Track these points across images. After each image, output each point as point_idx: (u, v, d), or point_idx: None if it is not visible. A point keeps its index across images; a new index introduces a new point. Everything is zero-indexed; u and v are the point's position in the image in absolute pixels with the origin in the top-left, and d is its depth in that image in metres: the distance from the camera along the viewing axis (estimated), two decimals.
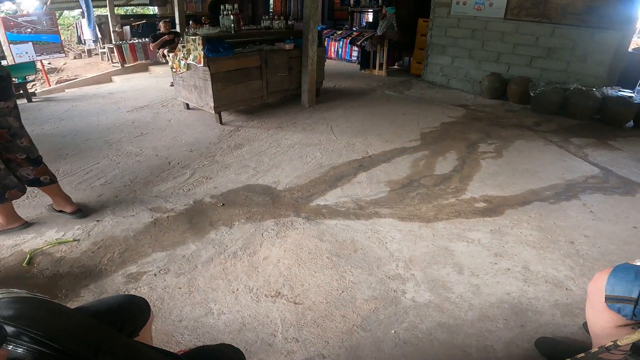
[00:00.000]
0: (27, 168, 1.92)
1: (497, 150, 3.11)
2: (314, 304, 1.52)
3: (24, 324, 0.50)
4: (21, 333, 0.50)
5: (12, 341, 0.49)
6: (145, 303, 0.84)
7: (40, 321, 0.53)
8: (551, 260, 1.80)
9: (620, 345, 1.03)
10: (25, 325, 0.50)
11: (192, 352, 0.74)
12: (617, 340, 1.04)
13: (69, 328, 0.56)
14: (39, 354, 0.49)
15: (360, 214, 2.14)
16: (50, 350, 0.50)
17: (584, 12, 4.15)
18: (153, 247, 1.85)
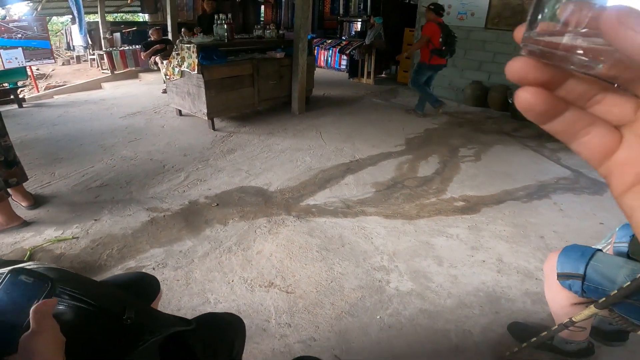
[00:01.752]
0: (0, 170, 2.00)
1: (476, 154, 3.30)
2: (305, 292, 1.64)
3: (62, 285, 0.60)
4: (61, 292, 0.60)
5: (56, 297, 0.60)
6: (156, 280, 0.95)
7: (75, 283, 0.63)
8: (523, 253, 1.96)
9: (576, 322, 1.17)
10: (63, 286, 0.60)
11: (201, 316, 0.85)
12: (572, 317, 1.18)
13: (98, 290, 0.67)
14: (77, 308, 0.60)
15: (348, 212, 2.28)
16: (86, 306, 0.61)
17: None
18: (151, 244, 1.94)
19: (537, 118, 0.21)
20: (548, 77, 0.21)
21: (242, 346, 0.88)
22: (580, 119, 0.21)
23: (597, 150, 0.21)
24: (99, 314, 0.61)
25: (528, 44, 0.21)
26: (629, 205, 0.20)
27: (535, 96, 0.21)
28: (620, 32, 0.17)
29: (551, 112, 0.21)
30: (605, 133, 0.21)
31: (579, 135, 0.21)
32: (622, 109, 0.21)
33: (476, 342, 1.46)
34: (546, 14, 0.20)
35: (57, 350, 0.49)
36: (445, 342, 1.46)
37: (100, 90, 6.28)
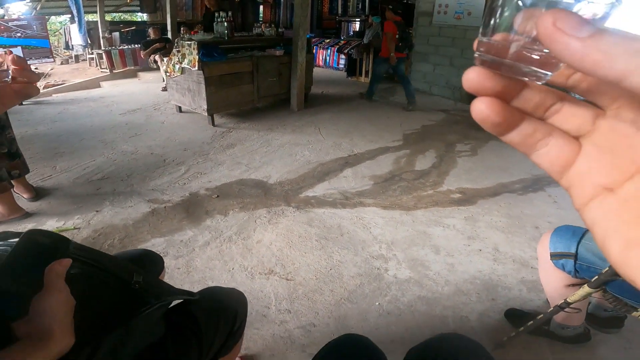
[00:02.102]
0: (3, 162, 2.02)
1: (472, 149, 3.34)
2: (304, 280, 1.67)
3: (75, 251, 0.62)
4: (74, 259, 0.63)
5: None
6: (160, 257, 0.98)
7: (86, 251, 0.66)
8: (518, 243, 1.99)
9: (571, 303, 1.19)
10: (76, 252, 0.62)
11: (205, 289, 0.88)
12: (567, 299, 1.21)
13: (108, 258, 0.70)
14: (88, 272, 0.62)
15: (346, 203, 2.31)
16: (97, 270, 0.64)
17: None
18: (152, 234, 1.97)
19: (493, 129, 0.21)
20: (503, 87, 0.20)
21: (244, 319, 0.91)
22: (537, 130, 0.21)
23: (555, 162, 0.21)
24: (108, 278, 0.64)
25: (481, 53, 0.21)
26: (590, 217, 0.19)
27: (490, 107, 0.20)
28: (555, 38, 0.16)
29: (507, 123, 0.21)
30: (563, 144, 0.20)
31: (537, 146, 0.21)
32: (581, 119, 0.20)
33: (473, 327, 1.49)
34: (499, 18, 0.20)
35: (68, 311, 0.51)
36: (443, 327, 1.49)
37: (99, 89, 6.30)
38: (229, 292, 0.90)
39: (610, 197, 0.18)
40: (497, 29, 0.20)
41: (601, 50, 0.15)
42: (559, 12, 0.16)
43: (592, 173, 0.19)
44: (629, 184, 0.18)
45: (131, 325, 0.60)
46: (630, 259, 0.16)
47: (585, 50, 0.15)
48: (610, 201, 0.18)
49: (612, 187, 0.18)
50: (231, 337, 0.83)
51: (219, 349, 0.80)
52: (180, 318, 0.76)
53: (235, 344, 0.88)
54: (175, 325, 0.74)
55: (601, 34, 0.15)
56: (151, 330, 0.68)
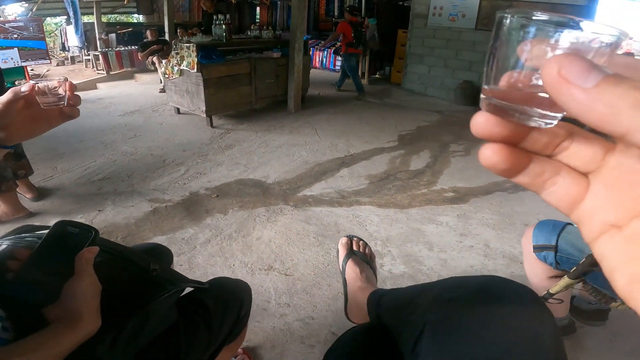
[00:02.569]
0: (9, 162, 2.08)
1: (466, 149, 3.43)
2: (303, 275, 1.73)
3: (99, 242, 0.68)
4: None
5: None
6: (169, 250, 1.04)
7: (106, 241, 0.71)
8: (508, 239, 2.07)
9: (554, 293, 1.27)
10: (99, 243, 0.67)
11: (213, 279, 0.94)
12: (550, 289, 1.29)
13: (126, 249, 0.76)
14: (109, 260, 0.67)
15: (343, 202, 2.38)
16: (119, 259, 0.69)
17: None
18: (154, 232, 2.02)
19: (502, 174, 0.21)
20: (511, 132, 0.20)
21: (249, 308, 0.97)
22: (545, 170, 0.21)
23: (564, 200, 0.21)
24: (128, 266, 0.70)
25: (487, 97, 0.20)
26: (598, 252, 0.19)
27: (498, 154, 0.21)
28: (560, 88, 0.16)
29: (515, 168, 0.21)
30: (571, 183, 0.21)
31: (545, 186, 0.21)
32: (589, 155, 0.20)
33: None
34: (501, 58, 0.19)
35: (96, 295, 0.57)
36: None
37: (96, 90, 6.32)
38: (235, 282, 0.96)
39: (617, 234, 0.18)
40: (500, 69, 0.19)
41: (606, 103, 0.15)
42: (564, 58, 0.16)
43: (599, 211, 0.19)
44: (636, 222, 0.18)
45: (149, 310, 0.65)
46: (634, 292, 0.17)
47: (590, 102, 0.15)
48: (617, 238, 0.18)
49: (619, 224, 0.18)
50: (237, 324, 0.88)
51: (226, 336, 0.85)
52: (191, 305, 0.80)
53: (240, 331, 0.93)
54: (186, 311, 0.78)
55: (608, 83, 0.15)
56: (166, 316, 0.72)
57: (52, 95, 0.57)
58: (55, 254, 0.59)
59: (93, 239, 0.60)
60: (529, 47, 0.18)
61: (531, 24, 0.17)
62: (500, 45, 0.19)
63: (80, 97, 0.60)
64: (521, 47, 0.18)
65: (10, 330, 0.53)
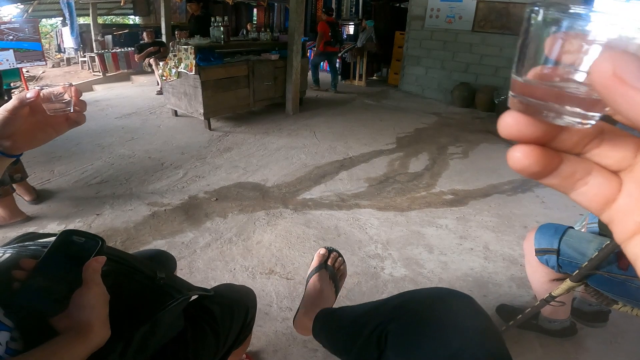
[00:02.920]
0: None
1: (464, 152, 3.45)
2: (304, 279, 1.72)
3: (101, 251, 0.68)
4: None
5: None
6: (172, 256, 1.03)
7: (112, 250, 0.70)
8: (507, 242, 2.08)
9: (556, 296, 1.27)
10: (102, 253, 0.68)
11: (219, 286, 0.93)
12: (552, 292, 1.29)
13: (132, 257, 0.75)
14: (116, 269, 0.66)
15: (343, 205, 2.38)
16: (125, 268, 0.68)
17: None
18: (153, 236, 2.01)
19: (532, 176, 0.20)
20: (543, 133, 0.19)
21: (254, 314, 0.97)
22: (576, 170, 0.20)
23: (595, 200, 0.20)
24: (135, 274, 0.69)
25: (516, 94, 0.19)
26: (633, 252, 0.18)
27: (529, 157, 0.20)
28: (616, 90, 0.15)
29: (546, 169, 0.20)
30: (603, 182, 0.20)
31: (576, 186, 0.20)
32: (621, 153, 0.19)
33: None
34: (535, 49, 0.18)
35: (105, 305, 0.56)
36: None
37: (92, 92, 6.28)
38: (240, 289, 0.96)
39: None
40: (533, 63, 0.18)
41: None
42: (619, 56, 0.15)
43: (633, 211, 0.18)
44: None
45: (158, 318, 0.65)
46: None
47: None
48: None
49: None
50: (243, 330, 0.88)
51: (234, 342, 0.85)
52: (198, 312, 0.80)
53: (246, 337, 0.93)
54: (193, 319, 0.78)
55: None
56: (174, 324, 0.72)
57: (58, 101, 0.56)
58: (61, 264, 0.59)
59: (100, 248, 0.60)
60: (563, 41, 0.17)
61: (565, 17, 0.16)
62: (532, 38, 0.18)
63: (85, 102, 0.59)
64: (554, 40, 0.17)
65: (19, 340, 0.52)
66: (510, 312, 1.60)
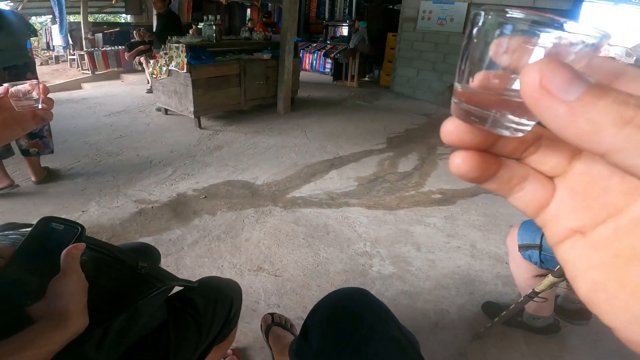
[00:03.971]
0: (24, 139, 2.22)
1: (452, 152, 3.46)
2: (292, 276, 1.72)
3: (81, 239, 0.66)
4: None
5: None
6: (157, 250, 1.02)
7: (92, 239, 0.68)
8: (494, 240, 2.10)
9: (539, 292, 1.29)
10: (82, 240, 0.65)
11: (204, 278, 0.92)
12: (535, 288, 1.31)
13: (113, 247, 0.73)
14: (96, 258, 0.65)
15: (332, 203, 2.38)
16: (105, 256, 0.66)
17: None
18: (140, 233, 1.99)
19: (471, 181, 0.21)
20: (482, 140, 0.20)
21: (239, 308, 0.96)
22: (514, 175, 0.21)
23: (530, 205, 0.21)
24: (115, 264, 0.67)
25: (458, 101, 0.19)
26: (562, 256, 0.19)
27: (468, 163, 0.20)
28: (541, 101, 0.14)
29: (485, 175, 0.21)
30: (537, 188, 0.20)
31: (513, 191, 0.21)
32: (556, 159, 0.20)
33: (453, 319, 1.57)
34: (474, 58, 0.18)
35: (83, 293, 0.55)
36: (425, 320, 1.57)
37: (80, 90, 6.19)
38: (225, 281, 0.95)
39: (581, 240, 0.18)
40: (474, 70, 0.18)
41: (588, 119, 0.14)
42: (546, 65, 0.14)
43: (564, 216, 0.19)
44: (600, 229, 0.17)
45: (138, 308, 0.64)
46: (596, 299, 0.17)
47: (571, 117, 0.14)
48: (581, 244, 0.18)
49: (584, 231, 0.18)
50: (227, 324, 0.87)
51: (216, 335, 0.84)
52: (181, 304, 0.79)
53: (230, 331, 0.92)
54: (176, 310, 0.77)
55: (591, 96, 0.14)
56: (155, 314, 0.71)
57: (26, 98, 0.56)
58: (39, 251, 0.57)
59: (79, 235, 0.59)
60: (505, 46, 0.16)
61: (508, 21, 0.16)
62: (475, 43, 0.18)
63: (53, 100, 0.59)
64: (496, 45, 0.17)
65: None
66: (496, 309, 1.62)
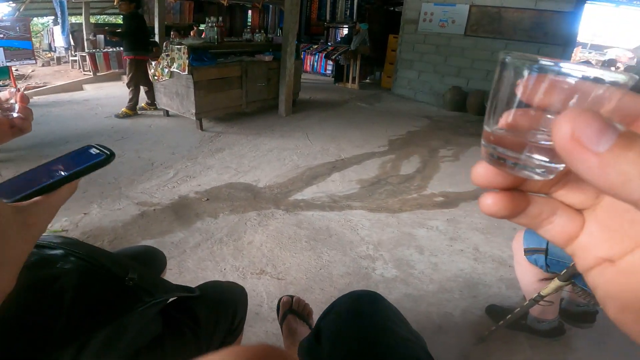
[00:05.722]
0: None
1: (454, 154, 3.48)
2: (295, 279, 1.71)
3: (70, 247, 0.63)
4: (68, 254, 0.62)
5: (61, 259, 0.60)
6: (162, 253, 1.01)
7: (83, 246, 0.66)
8: (497, 243, 2.10)
9: (544, 296, 1.28)
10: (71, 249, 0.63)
11: (206, 283, 0.89)
12: (540, 292, 1.30)
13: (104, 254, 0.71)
14: (82, 268, 0.61)
15: (334, 206, 2.38)
16: (90, 265, 0.63)
17: (531, 29, 4.71)
18: (142, 236, 1.98)
19: (502, 217, 0.22)
20: (511, 182, 0.21)
21: (244, 313, 0.93)
22: (542, 210, 0.22)
23: (559, 237, 0.22)
24: (102, 274, 0.64)
25: (487, 144, 0.20)
26: (592, 282, 0.20)
27: (499, 203, 0.21)
28: (574, 153, 0.15)
29: (514, 213, 0.22)
30: (567, 221, 0.21)
31: (542, 224, 0.22)
32: (584, 193, 0.21)
33: (457, 323, 1.56)
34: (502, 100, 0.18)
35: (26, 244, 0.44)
36: (429, 323, 1.56)
37: (82, 92, 6.20)
38: (229, 287, 0.92)
39: (610, 267, 0.19)
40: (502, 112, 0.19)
41: (618, 171, 0.14)
42: (578, 117, 0.15)
43: (594, 247, 0.20)
44: (629, 257, 0.18)
45: (123, 322, 0.61)
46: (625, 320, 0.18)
47: (603, 169, 0.14)
48: (609, 271, 0.19)
49: (613, 259, 0.19)
50: (231, 333, 0.84)
51: (219, 346, 0.80)
52: (179, 314, 0.76)
53: (235, 339, 0.89)
54: (173, 322, 0.74)
55: (620, 147, 0.14)
56: (147, 328, 0.69)
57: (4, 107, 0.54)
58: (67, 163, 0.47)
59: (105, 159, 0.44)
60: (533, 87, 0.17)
61: (536, 65, 0.17)
62: (503, 86, 0.18)
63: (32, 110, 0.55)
64: (524, 86, 0.17)
65: None
66: (500, 313, 1.61)
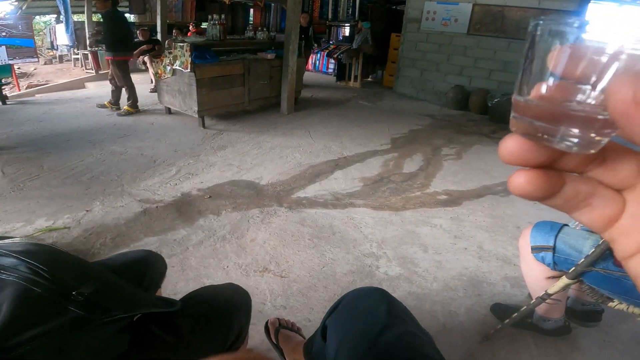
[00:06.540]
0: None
1: (457, 153, 3.46)
2: (298, 277, 1.70)
3: (25, 257, 0.55)
4: (19, 264, 0.54)
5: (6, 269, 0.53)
6: (161, 258, 0.97)
7: (42, 255, 0.57)
8: (501, 242, 2.08)
9: (552, 294, 1.27)
10: (26, 258, 0.55)
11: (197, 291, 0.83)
12: (547, 290, 1.29)
13: (66, 262, 0.62)
14: (26, 280, 0.53)
15: (337, 204, 2.36)
16: (39, 278, 0.54)
17: None
18: (144, 233, 1.97)
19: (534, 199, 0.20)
20: (547, 157, 0.19)
21: (247, 320, 0.87)
22: (580, 191, 0.19)
23: (598, 220, 0.19)
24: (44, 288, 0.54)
25: (518, 115, 0.18)
26: (633, 270, 0.18)
27: (533, 183, 0.19)
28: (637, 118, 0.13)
29: (549, 194, 0.19)
30: (606, 203, 0.19)
31: (579, 207, 0.20)
32: (624, 172, 0.18)
33: (462, 321, 1.55)
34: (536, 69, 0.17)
35: None
36: (434, 321, 1.54)
37: (84, 90, 6.20)
38: (225, 297, 0.83)
39: None
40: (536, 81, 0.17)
41: None
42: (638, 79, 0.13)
43: (635, 231, 0.18)
44: None
45: (68, 341, 0.53)
46: None
47: None
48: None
49: None
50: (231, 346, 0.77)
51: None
52: (158, 328, 0.68)
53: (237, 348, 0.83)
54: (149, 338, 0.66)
55: None
56: (104, 347, 0.60)
57: None
58: None
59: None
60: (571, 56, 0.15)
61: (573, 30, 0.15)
62: (535, 55, 0.16)
63: None
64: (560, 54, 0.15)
65: None
66: (505, 311, 1.59)
